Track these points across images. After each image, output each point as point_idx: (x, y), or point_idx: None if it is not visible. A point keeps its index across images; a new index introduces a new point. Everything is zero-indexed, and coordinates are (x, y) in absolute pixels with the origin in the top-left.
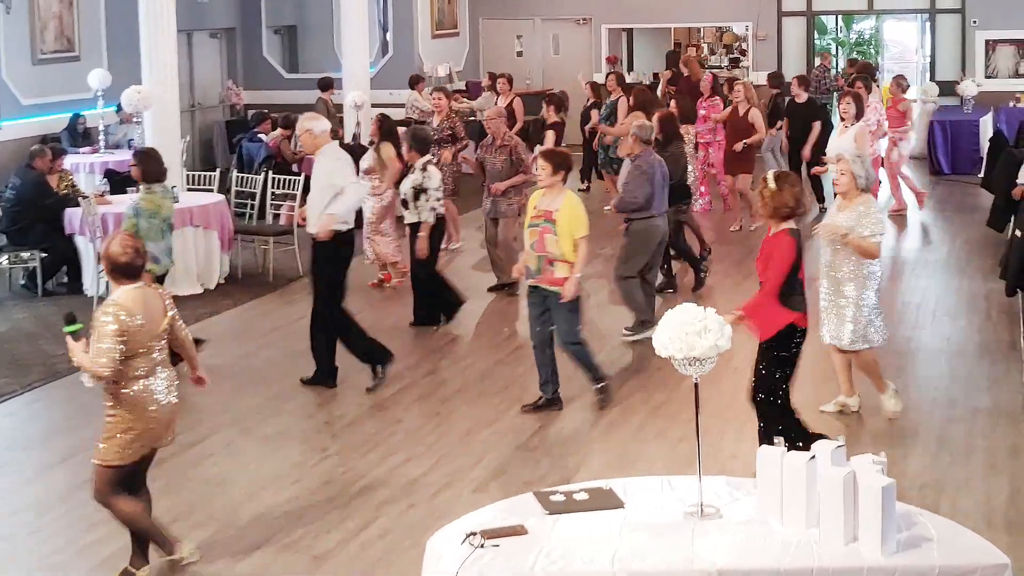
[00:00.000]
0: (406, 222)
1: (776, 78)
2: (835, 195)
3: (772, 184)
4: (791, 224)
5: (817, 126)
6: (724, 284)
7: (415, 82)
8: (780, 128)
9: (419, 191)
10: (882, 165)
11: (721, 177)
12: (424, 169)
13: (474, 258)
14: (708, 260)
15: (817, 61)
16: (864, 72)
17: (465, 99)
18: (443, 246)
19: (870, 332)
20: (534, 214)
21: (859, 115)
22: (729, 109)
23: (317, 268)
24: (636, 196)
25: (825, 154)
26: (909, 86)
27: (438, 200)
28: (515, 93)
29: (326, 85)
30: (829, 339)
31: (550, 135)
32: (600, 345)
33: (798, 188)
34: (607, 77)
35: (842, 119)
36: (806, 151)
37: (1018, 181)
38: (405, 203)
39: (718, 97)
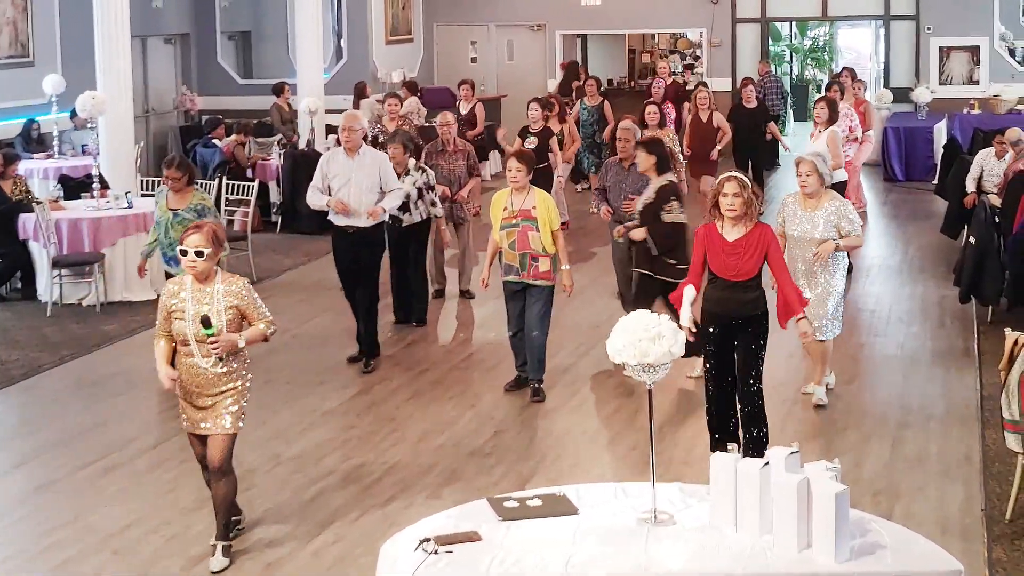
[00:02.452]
0: (405, 224)
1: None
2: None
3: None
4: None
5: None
6: None
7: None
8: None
9: (423, 189)
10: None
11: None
12: (422, 169)
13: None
14: None
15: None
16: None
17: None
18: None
19: (840, 318)
20: (507, 215)
21: (832, 120)
22: (691, 117)
23: (373, 255)
24: None
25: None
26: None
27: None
28: (477, 99)
29: (279, 90)
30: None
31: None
32: (553, 351)
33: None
34: (585, 83)
35: (816, 123)
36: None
37: (968, 189)
38: (405, 205)
39: (670, 103)
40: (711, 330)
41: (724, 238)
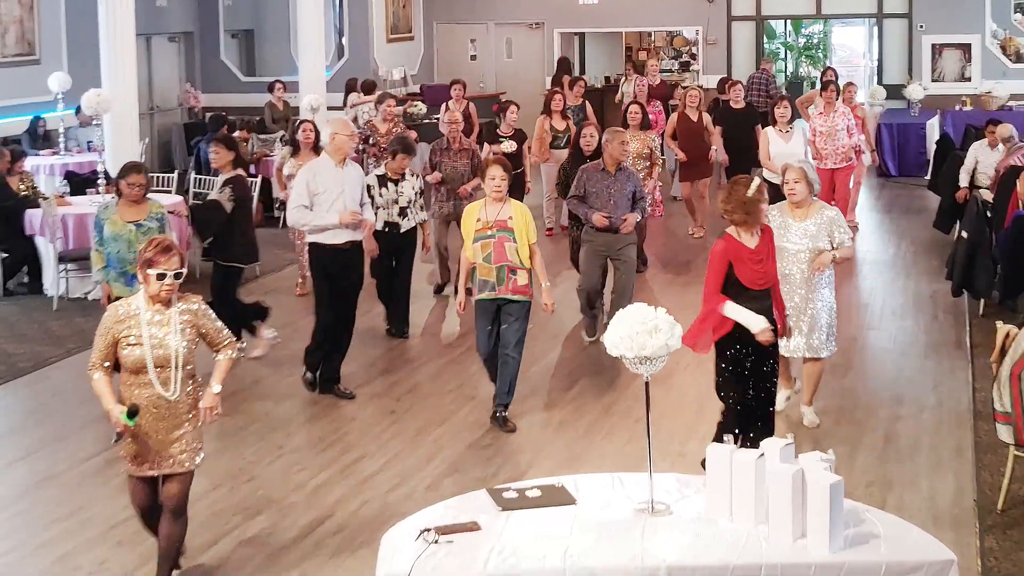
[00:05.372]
0: (403, 229)
1: (725, 83)
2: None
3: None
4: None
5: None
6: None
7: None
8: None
9: (417, 193)
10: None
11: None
12: (415, 175)
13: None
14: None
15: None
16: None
17: (421, 102)
18: None
19: (835, 334)
20: (480, 226)
21: (794, 118)
22: (677, 116)
23: (361, 273)
24: None
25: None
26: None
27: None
28: (468, 98)
29: (271, 88)
30: (807, 352)
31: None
32: (551, 345)
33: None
34: (575, 83)
35: (775, 123)
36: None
37: (961, 182)
38: (404, 211)
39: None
40: (741, 350)
41: (747, 246)
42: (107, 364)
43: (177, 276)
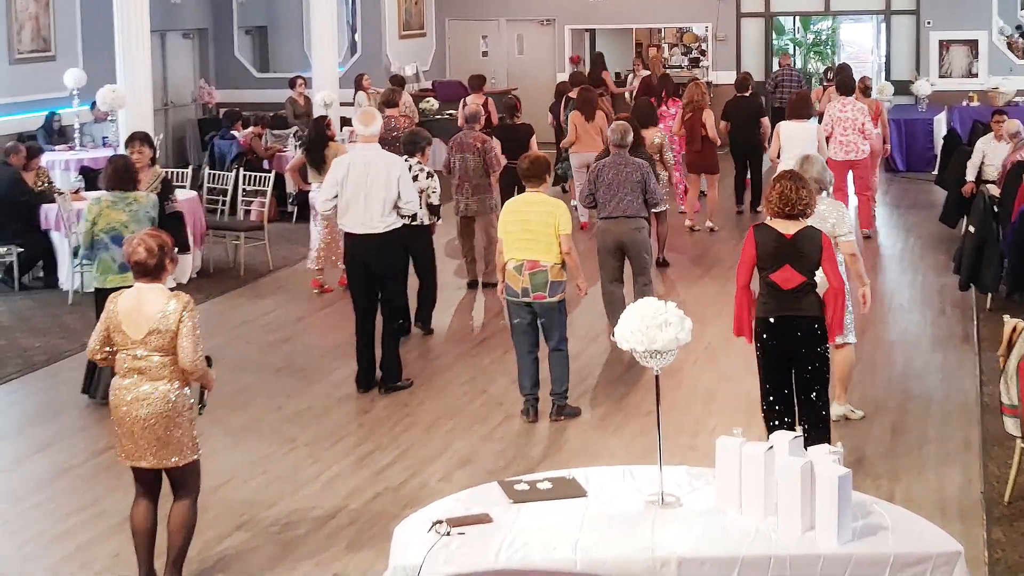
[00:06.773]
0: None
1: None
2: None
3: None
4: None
5: (765, 122)
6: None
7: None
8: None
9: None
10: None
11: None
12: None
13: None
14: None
15: (776, 62)
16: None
17: (433, 98)
18: None
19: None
20: None
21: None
22: (689, 113)
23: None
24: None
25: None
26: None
27: None
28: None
29: (293, 84)
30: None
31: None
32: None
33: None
34: (571, 77)
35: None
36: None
37: (968, 177)
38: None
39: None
40: None
41: None
42: None
43: None
